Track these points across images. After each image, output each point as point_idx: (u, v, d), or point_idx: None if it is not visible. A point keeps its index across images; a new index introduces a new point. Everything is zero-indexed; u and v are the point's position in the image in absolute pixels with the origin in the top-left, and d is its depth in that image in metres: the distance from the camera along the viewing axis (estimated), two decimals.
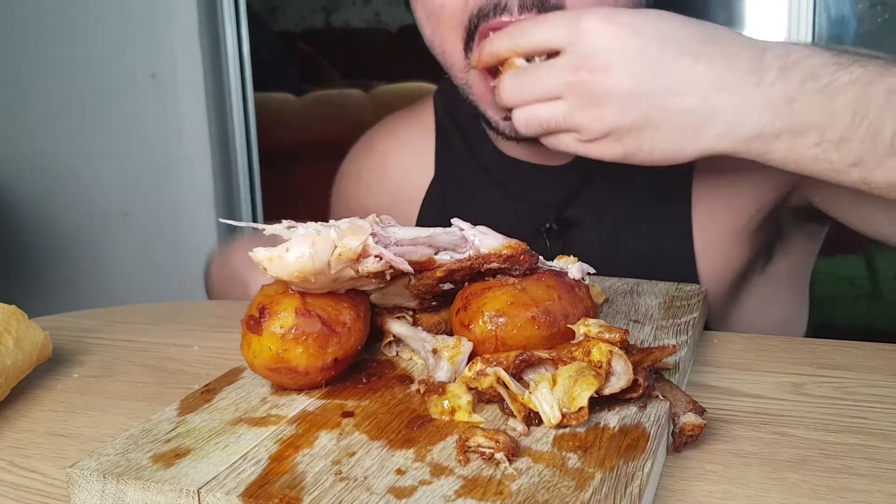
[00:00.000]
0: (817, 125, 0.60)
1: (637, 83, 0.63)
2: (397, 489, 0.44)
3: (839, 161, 0.61)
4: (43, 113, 2.26)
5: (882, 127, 0.59)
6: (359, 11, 3.89)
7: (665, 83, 0.62)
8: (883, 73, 0.60)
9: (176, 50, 2.12)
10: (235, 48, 2.19)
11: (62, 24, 2.18)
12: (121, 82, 2.17)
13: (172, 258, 2.25)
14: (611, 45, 0.63)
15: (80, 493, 0.47)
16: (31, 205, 2.34)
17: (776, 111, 0.61)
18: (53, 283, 2.38)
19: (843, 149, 0.60)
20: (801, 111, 0.60)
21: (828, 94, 0.60)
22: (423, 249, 0.58)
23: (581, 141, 0.66)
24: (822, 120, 0.60)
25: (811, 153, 0.62)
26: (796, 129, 0.61)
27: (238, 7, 2.18)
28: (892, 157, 0.59)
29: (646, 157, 0.66)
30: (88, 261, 2.32)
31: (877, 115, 0.59)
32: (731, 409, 0.58)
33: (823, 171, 0.63)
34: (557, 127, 0.66)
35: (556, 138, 0.68)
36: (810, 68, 0.61)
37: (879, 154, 0.60)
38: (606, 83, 0.63)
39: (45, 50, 2.22)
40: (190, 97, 2.13)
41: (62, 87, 2.22)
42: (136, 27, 2.13)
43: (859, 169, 0.61)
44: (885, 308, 2.20)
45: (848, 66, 0.60)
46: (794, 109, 0.61)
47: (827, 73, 0.60)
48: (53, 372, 0.70)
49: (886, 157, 0.60)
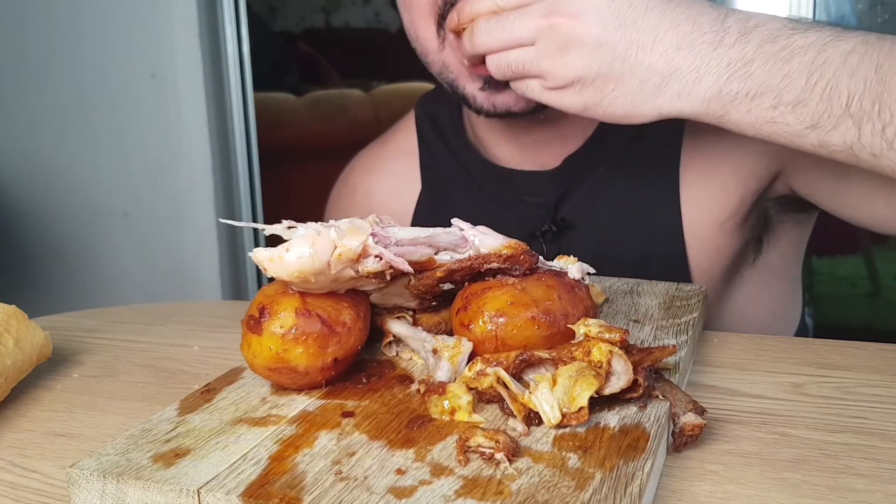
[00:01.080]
0: (773, 87, 0.61)
1: (605, 32, 0.64)
2: (397, 489, 0.44)
3: (795, 123, 0.62)
4: (43, 113, 2.26)
5: (837, 89, 0.60)
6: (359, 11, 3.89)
7: (631, 36, 0.64)
8: (838, 37, 0.61)
9: (176, 50, 2.12)
10: (235, 48, 2.19)
11: (62, 24, 2.18)
12: (121, 82, 2.17)
13: (172, 258, 2.25)
14: None
15: (80, 493, 0.47)
16: (31, 205, 2.34)
17: (733, 73, 0.62)
18: (53, 283, 2.38)
19: (799, 111, 0.61)
20: (757, 73, 0.61)
21: (784, 57, 0.61)
22: (423, 249, 0.58)
23: (546, 88, 0.67)
24: (778, 82, 0.61)
25: (768, 115, 0.62)
26: (753, 91, 0.62)
27: (238, 7, 2.18)
28: (848, 119, 0.60)
29: (604, 111, 0.67)
30: (88, 261, 2.32)
31: (832, 78, 0.60)
32: (731, 409, 0.58)
33: (781, 135, 0.63)
34: (525, 71, 0.68)
35: (525, 83, 0.69)
36: (768, 32, 0.62)
37: (835, 116, 0.60)
38: (576, 30, 0.64)
39: (44, 50, 2.22)
40: (190, 97, 2.13)
41: (62, 87, 2.22)
42: (136, 27, 2.13)
43: (816, 132, 0.62)
44: (885, 308, 2.20)
45: (804, 31, 0.61)
46: (750, 72, 0.62)
47: (783, 37, 0.61)
48: (53, 372, 0.70)
49: (842, 120, 0.60)
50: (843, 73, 0.59)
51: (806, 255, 1.00)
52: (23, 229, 2.37)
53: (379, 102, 2.61)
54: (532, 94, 0.69)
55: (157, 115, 2.17)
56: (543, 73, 0.67)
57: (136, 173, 2.23)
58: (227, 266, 2.27)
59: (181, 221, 2.23)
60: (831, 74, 0.60)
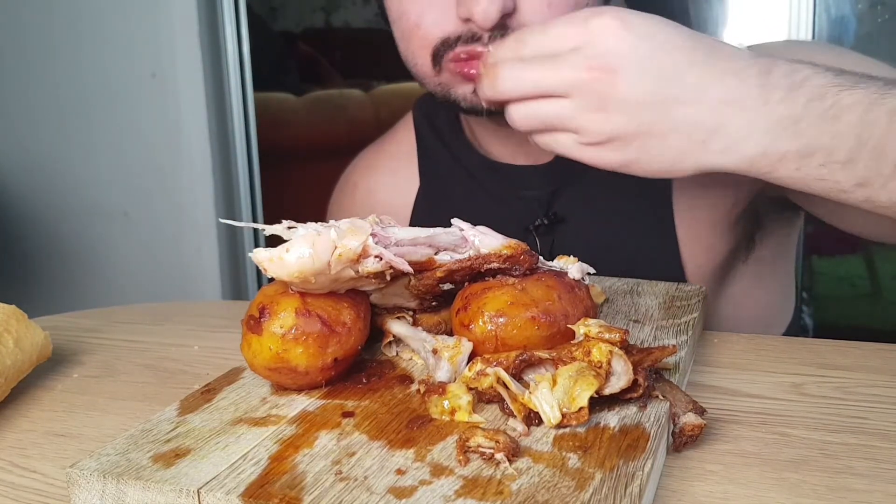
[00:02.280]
0: (823, 146, 0.60)
1: (647, 89, 0.61)
2: (397, 489, 0.44)
3: (845, 181, 0.61)
4: (43, 113, 2.26)
5: (885, 149, 0.59)
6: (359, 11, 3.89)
7: (674, 92, 0.61)
8: (884, 94, 0.60)
9: (176, 50, 2.12)
10: (235, 48, 2.19)
11: (62, 24, 2.18)
12: (121, 82, 2.17)
13: (172, 258, 2.25)
14: (623, 47, 0.61)
15: (80, 493, 0.47)
16: (32, 205, 2.34)
17: (782, 131, 0.60)
18: (53, 283, 2.38)
19: (849, 169, 0.60)
20: (807, 132, 0.60)
21: (833, 116, 0.59)
22: (423, 250, 0.58)
23: (580, 144, 0.64)
24: (828, 141, 0.60)
25: (817, 173, 0.61)
26: (803, 151, 0.60)
27: (238, 7, 2.18)
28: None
29: (643, 168, 0.64)
30: (88, 261, 2.32)
31: (880, 137, 0.59)
32: (731, 409, 0.58)
33: (829, 191, 0.62)
34: (559, 125, 0.64)
35: (553, 137, 0.66)
36: (815, 89, 0.60)
37: (885, 175, 0.60)
38: (617, 85, 0.61)
39: (44, 50, 2.22)
40: (190, 97, 2.13)
41: (62, 87, 2.22)
42: (136, 27, 2.13)
43: (865, 189, 0.61)
44: (885, 308, 2.20)
45: (851, 88, 0.60)
46: (799, 130, 0.60)
47: (831, 94, 0.60)
48: (53, 372, 0.70)
49: (890, 179, 0.60)
50: (891, 133, 0.59)
51: (806, 255, 1.00)
52: (22, 229, 2.37)
53: (379, 102, 2.61)
54: (562, 150, 0.66)
55: (157, 115, 2.17)
56: (579, 129, 0.63)
57: (136, 173, 2.23)
58: (227, 266, 2.27)
59: (181, 221, 2.23)
60: (880, 134, 0.59)
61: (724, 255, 0.89)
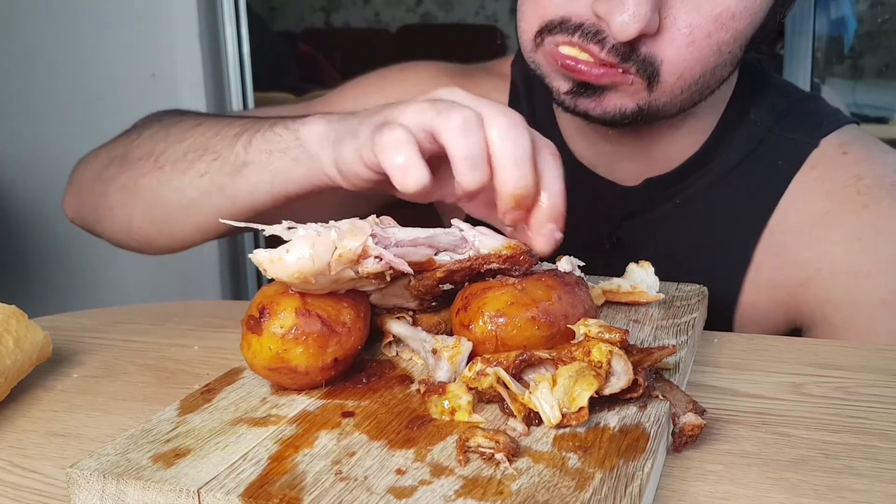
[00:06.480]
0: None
1: None
2: (397, 489, 0.44)
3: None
4: (44, 113, 2.26)
5: None
6: (359, 11, 3.89)
7: None
8: None
9: (176, 50, 2.12)
10: (235, 48, 2.19)
11: (63, 24, 2.18)
12: (121, 82, 2.17)
13: (172, 258, 2.25)
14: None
15: (80, 493, 0.47)
16: (32, 205, 2.34)
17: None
18: (53, 283, 2.38)
19: None
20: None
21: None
22: (422, 250, 0.58)
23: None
24: None
25: None
26: None
27: (238, 7, 2.18)
28: None
29: None
30: (88, 261, 2.32)
31: None
32: (731, 409, 0.58)
33: None
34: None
35: None
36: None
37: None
38: None
39: (45, 50, 2.22)
40: (190, 97, 2.13)
41: (63, 88, 2.22)
42: (136, 27, 2.13)
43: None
44: None
45: None
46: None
47: None
48: (53, 372, 0.70)
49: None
50: None
51: None
52: (23, 229, 2.37)
53: None
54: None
55: None
56: None
57: None
58: (227, 266, 2.27)
59: None
60: None
61: (767, 328, 0.87)
